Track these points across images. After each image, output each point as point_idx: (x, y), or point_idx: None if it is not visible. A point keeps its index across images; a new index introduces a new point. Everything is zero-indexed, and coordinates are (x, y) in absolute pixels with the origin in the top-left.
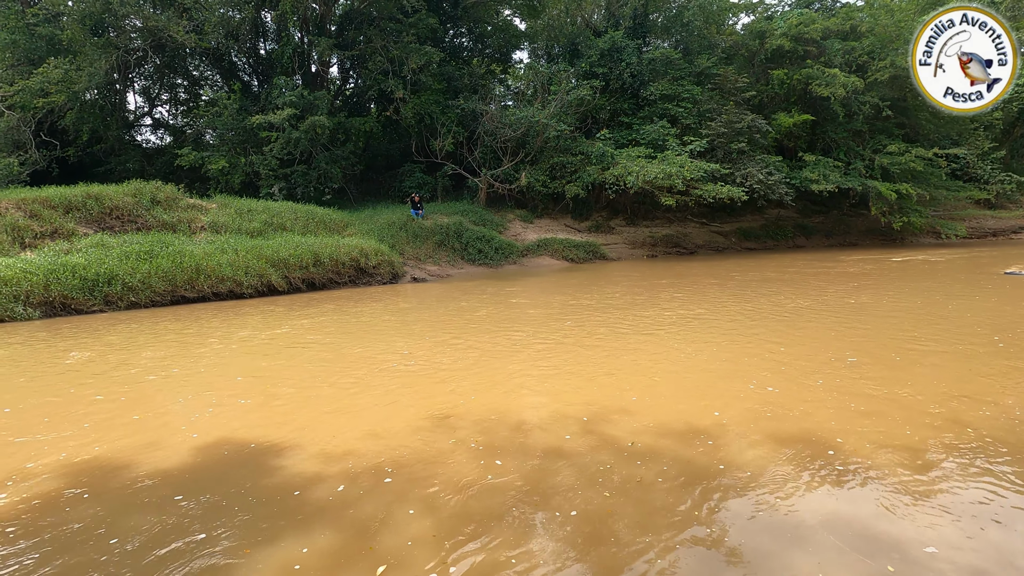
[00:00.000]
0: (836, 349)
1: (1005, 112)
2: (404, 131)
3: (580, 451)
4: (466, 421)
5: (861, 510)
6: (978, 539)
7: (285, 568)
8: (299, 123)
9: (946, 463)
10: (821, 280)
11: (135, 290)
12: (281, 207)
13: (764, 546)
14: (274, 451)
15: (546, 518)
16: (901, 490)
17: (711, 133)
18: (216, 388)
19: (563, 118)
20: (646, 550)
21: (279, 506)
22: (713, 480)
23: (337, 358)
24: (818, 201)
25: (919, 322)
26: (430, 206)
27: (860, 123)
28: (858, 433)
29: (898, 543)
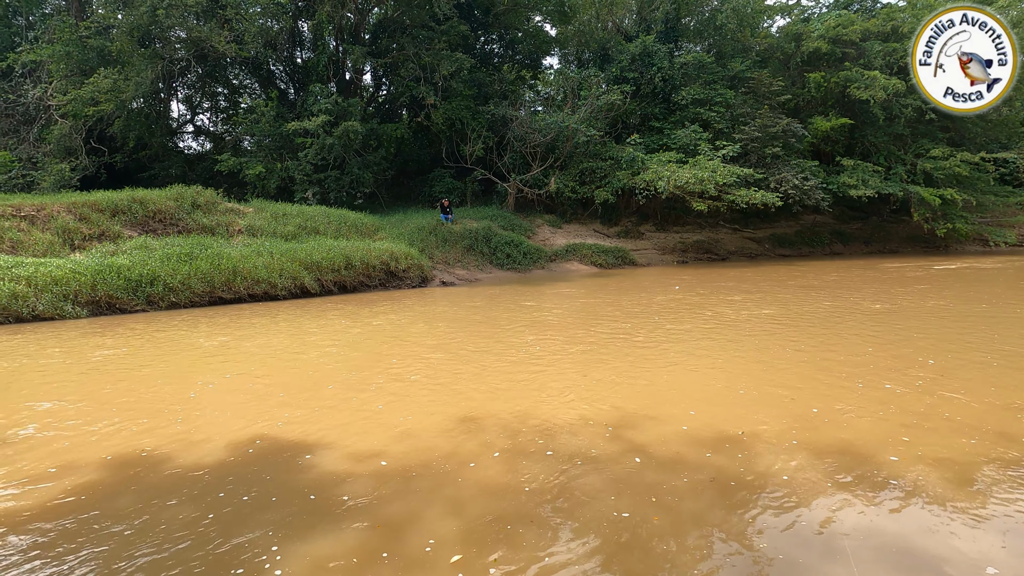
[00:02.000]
0: (872, 358)
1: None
2: (434, 137)
3: (609, 456)
4: (493, 424)
5: (904, 526)
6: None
7: (317, 564)
8: (333, 129)
9: (994, 478)
10: (874, 286)
11: (175, 291)
12: (314, 211)
13: (800, 559)
14: (307, 449)
15: (573, 523)
16: (947, 506)
17: (744, 137)
18: (254, 385)
19: (593, 123)
20: (676, 560)
21: (312, 503)
22: (747, 490)
23: (366, 360)
24: (856, 207)
25: (968, 331)
26: (459, 211)
27: (901, 127)
28: (896, 447)
29: (944, 562)
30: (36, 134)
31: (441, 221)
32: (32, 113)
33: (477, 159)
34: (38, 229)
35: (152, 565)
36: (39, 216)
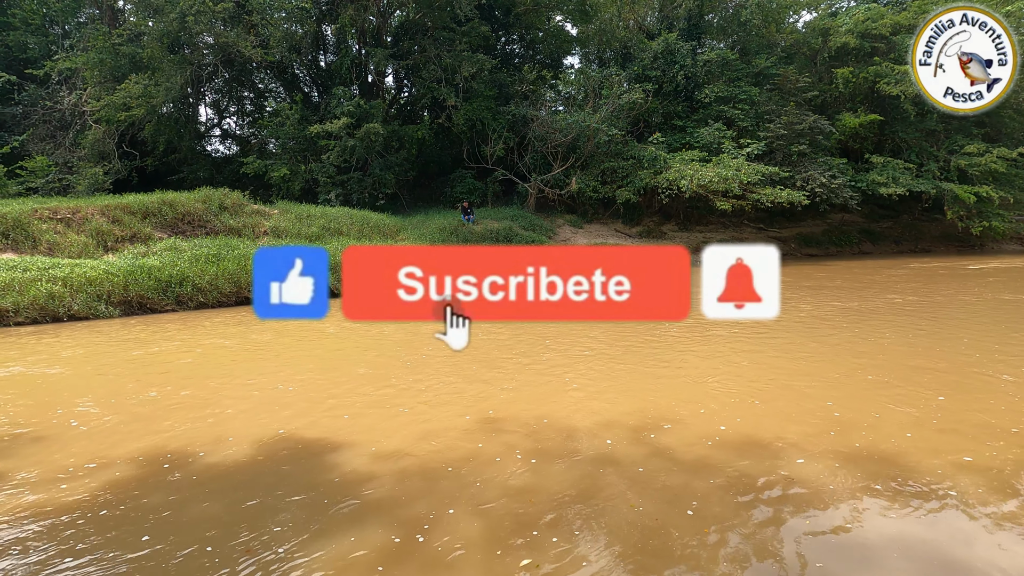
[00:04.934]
0: (902, 362)
1: None
2: (455, 138)
3: (631, 459)
4: (515, 426)
5: (939, 535)
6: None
7: (340, 562)
8: (355, 131)
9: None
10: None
11: (204, 291)
12: (337, 213)
13: (829, 566)
14: (331, 448)
15: (596, 525)
16: (990, 516)
17: (769, 135)
18: (280, 384)
19: (614, 122)
20: (697, 564)
21: (336, 502)
22: (774, 494)
23: (390, 360)
24: (886, 205)
25: (1006, 333)
26: (480, 211)
27: (934, 122)
28: (922, 449)
29: (981, 571)
30: (71, 139)
31: (462, 222)
32: (68, 119)
33: (498, 159)
34: (73, 231)
35: (179, 559)
36: (74, 219)
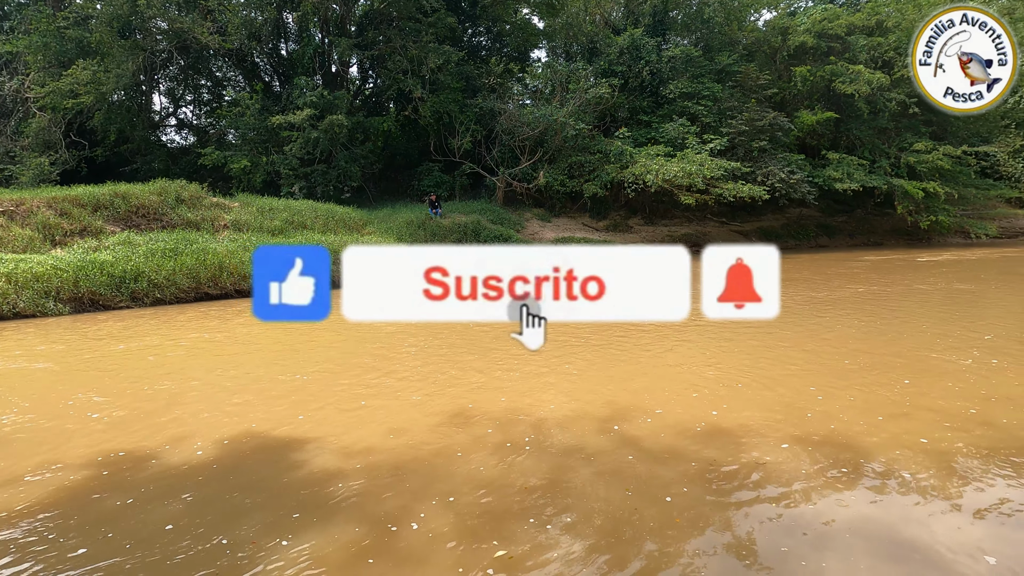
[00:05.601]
0: (868, 349)
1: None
2: (422, 130)
3: (600, 450)
4: (485, 419)
5: (898, 516)
6: (1016, 548)
7: (307, 559)
8: (318, 123)
9: (974, 467)
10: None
11: (160, 287)
12: (301, 206)
13: (789, 548)
14: (296, 446)
15: (566, 516)
16: (932, 494)
17: (732, 131)
18: (240, 383)
19: (581, 117)
20: (667, 551)
21: (301, 500)
22: (738, 480)
23: (355, 357)
24: (841, 200)
25: (945, 322)
26: (448, 205)
27: (886, 120)
28: (887, 435)
29: (939, 552)
30: (14, 127)
31: (430, 215)
32: (9, 106)
33: (465, 153)
34: (17, 225)
35: (140, 564)
36: (18, 211)
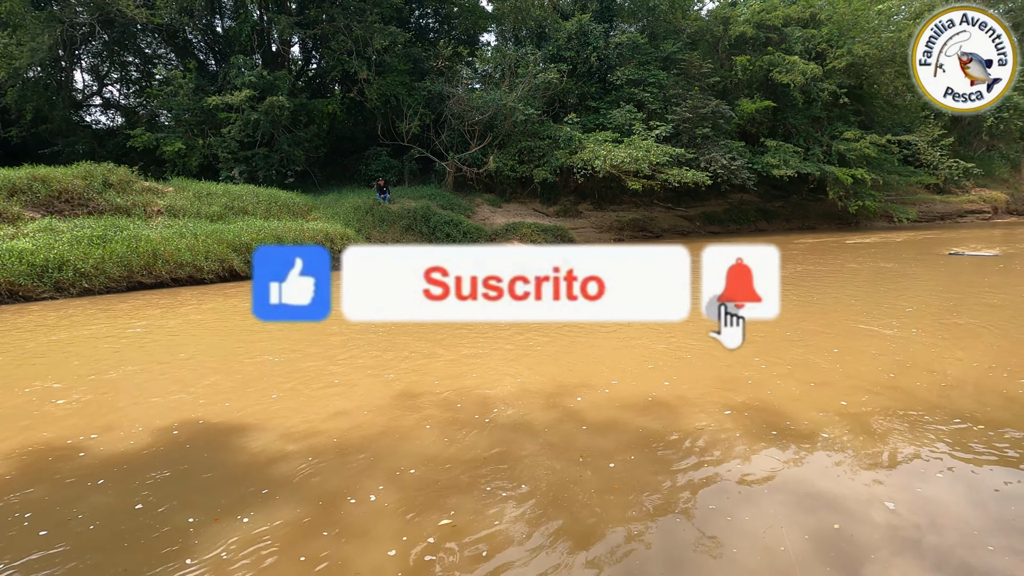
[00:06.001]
0: (792, 323)
1: None
2: (369, 113)
3: (544, 425)
4: (430, 398)
5: (807, 471)
6: (914, 496)
7: (250, 540)
8: (258, 104)
9: (886, 427)
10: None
11: (88, 276)
12: (242, 191)
13: (717, 507)
14: (237, 432)
15: (510, 488)
16: (845, 451)
17: (676, 118)
18: (176, 371)
19: (531, 102)
20: (605, 514)
21: (243, 482)
22: (672, 447)
23: (301, 341)
24: (779, 186)
25: (869, 299)
26: (397, 190)
27: (818, 110)
28: (801, 399)
29: (846, 501)
30: None
31: (378, 201)
32: None
33: (414, 137)
34: None
35: (76, 556)
36: None
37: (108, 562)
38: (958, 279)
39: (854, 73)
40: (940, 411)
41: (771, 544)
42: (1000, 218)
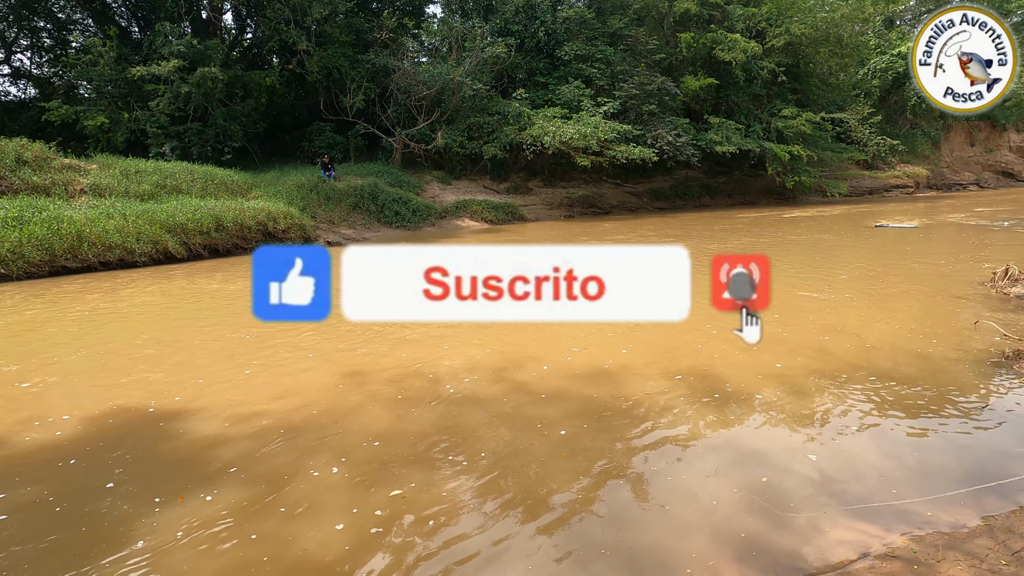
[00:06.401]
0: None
1: (881, 80)
2: (311, 87)
3: (493, 395)
4: (380, 377)
5: (740, 430)
6: (834, 448)
7: (189, 525)
8: (189, 76)
9: (814, 387)
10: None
11: (4, 261)
12: (174, 168)
13: (659, 467)
14: (175, 417)
15: (458, 459)
16: (775, 410)
17: (624, 95)
18: (110, 356)
19: (479, 76)
20: (554, 483)
21: (181, 467)
22: (615, 413)
23: (244, 322)
24: (722, 162)
25: (808, 268)
26: (342, 167)
27: (759, 87)
28: (737, 365)
29: (773, 455)
30: None
31: (323, 178)
32: None
33: (359, 112)
34: None
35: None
36: None
37: (54, 550)
38: (883, 249)
39: (791, 52)
40: (861, 371)
41: (706, 499)
42: (921, 192)
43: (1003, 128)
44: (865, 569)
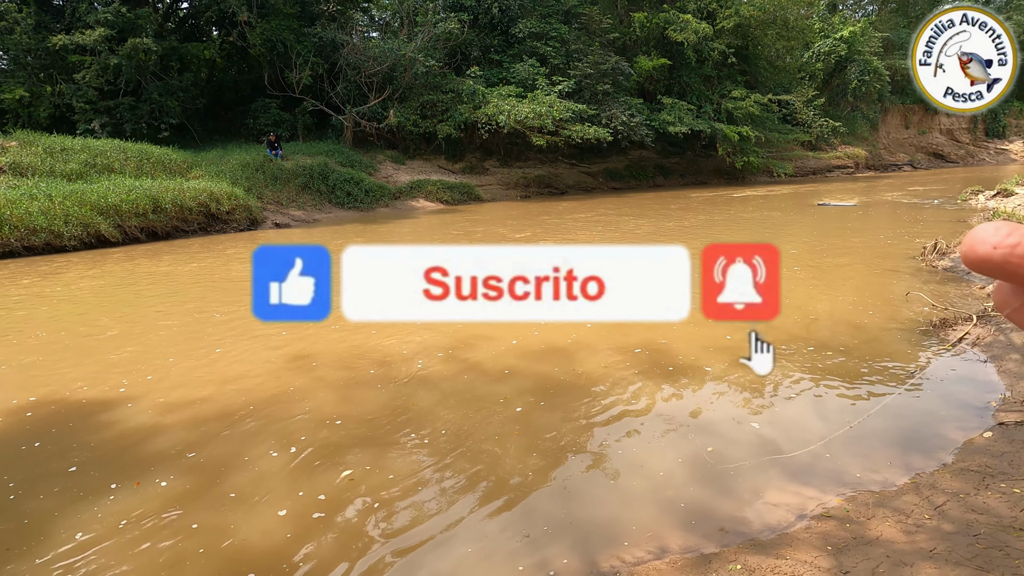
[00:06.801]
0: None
1: (825, 63)
2: (254, 61)
3: (444, 376)
4: (328, 359)
5: (688, 400)
6: (775, 415)
7: (122, 515)
8: (118, 46)
9: None
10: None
11: None
12: (105, 146)
13: (608, 442)
14: (107, 407)
15: (409, 440)
16: (721, 381)
17: (578, 74)
18: (36, 346)
19: (431, 53)
20: (505, 460)
21: (112, 459)
22: (566, 389)
23: (180, 307)
24: (675, 143)
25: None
26: (290, 146)
27: (710, 69)
28: (689, 339)
29: (718, 424)
30: None
31: (269, 157)
32: None
33: (306, 88)
34: None
35: None
36: None
37: None
38: (826, 226)
39: (741, 34)
40: (803, 341)
41: (653, 471)
42: (861, 172)
43: (935, 112)
44: (802, 530)
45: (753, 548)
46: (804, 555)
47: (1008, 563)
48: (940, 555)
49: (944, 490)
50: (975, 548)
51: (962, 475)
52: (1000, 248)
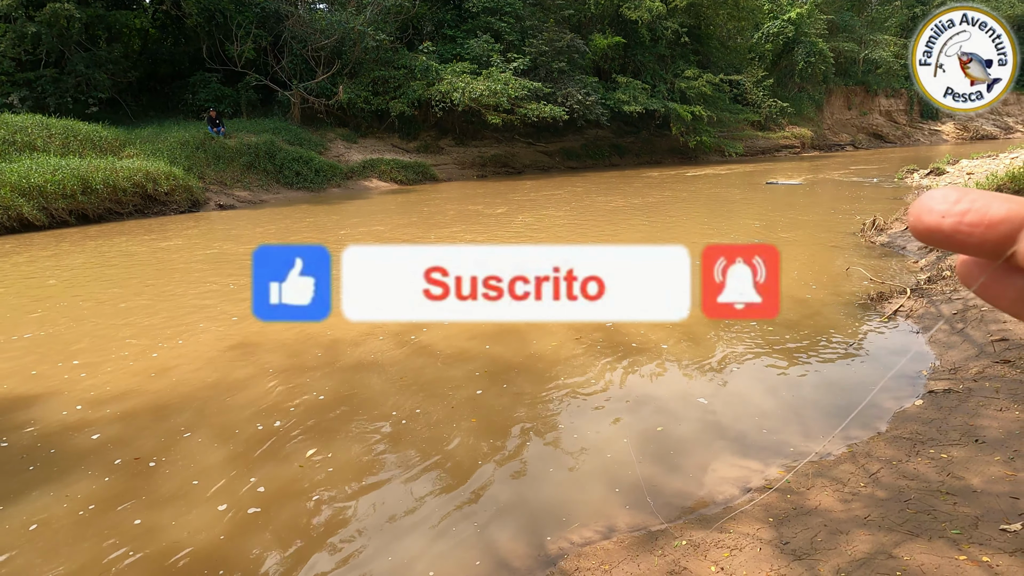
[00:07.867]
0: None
1: (774, 44)
2: (191, 32)
3: (392, 360)
4: (271, 346)
5: (641, 379)
6: (721, 390)
7: (43, 517)
8: (36, 12)
9: (710, 337)
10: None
11: None
12: (25, 122)
13: (559, 423)
14: (24, 403)
15: (355, 428)
16: (673, 359)
17: (533, 51)
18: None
19: (381, 26)
20: (452, 445)
21: (35, 459)
22: (516, 370)
23: (113, 296)
24: (630, 122)
25: (714, 219)
26: (233, 123)
27: (663, 48)
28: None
29: (668, 400)
30: None
31: (210, 134)
32: None
33: (249, 62)
34: None
35: None
36: None
37: None
38: (775, 204)
39: (694, 13)
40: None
41: (604, 451)
42: (807, 152)
43: (875, 93)
44: (746, 503)
45: (698, 523)
46: (747, 528)
47: (936, 526)
48: (874, 522)
49: (878, 458)
50: (906, 513)
51: (895, 442)
52: (948, 217)
